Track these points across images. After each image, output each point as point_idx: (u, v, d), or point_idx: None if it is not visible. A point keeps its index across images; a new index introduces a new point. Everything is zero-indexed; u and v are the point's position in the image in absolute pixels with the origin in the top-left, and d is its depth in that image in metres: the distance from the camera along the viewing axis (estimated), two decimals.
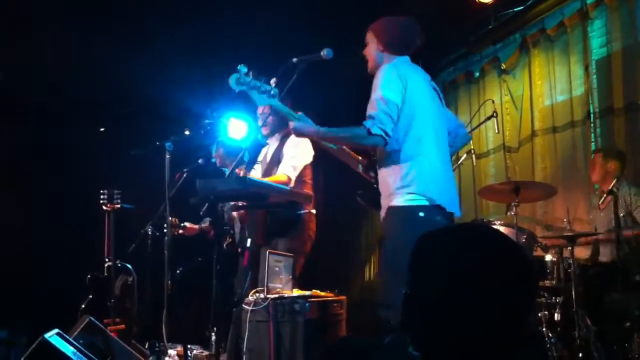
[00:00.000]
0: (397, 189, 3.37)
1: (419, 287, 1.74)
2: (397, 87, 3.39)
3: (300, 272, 4.66)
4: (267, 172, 4.83)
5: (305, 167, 4.81)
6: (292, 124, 3.50)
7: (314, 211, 4.85)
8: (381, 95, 3.37)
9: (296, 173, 4.70)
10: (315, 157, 4.89)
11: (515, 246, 1.81)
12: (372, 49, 3.68)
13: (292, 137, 4.79)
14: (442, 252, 1.73)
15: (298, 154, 4.74)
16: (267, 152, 5.00)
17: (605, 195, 4.90)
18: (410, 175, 3.36)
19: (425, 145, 3.43)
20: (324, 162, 5.64)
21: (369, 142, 3.39)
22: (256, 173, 4.92)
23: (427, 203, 3.35)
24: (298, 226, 4.71)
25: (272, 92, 3.48)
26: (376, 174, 3.60)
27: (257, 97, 3.46)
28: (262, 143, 5.05)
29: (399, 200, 3.36)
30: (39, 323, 4.05)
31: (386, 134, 3.33)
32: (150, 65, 6.84)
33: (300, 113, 3.55)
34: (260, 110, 4.98)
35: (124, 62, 6.86)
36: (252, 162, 4.94)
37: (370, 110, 3.37)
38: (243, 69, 3.43)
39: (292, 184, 4.66)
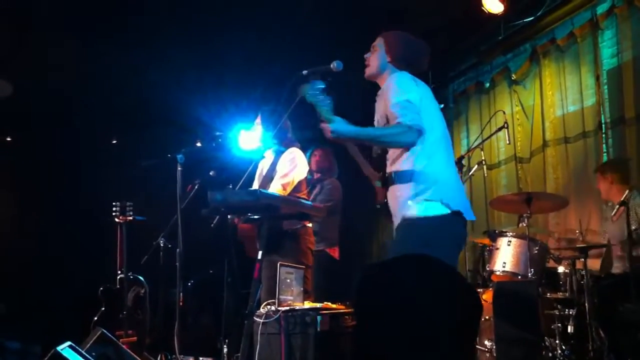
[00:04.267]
0: (412, 196, 3.31)
1: (366, 321, 1.74)
2: (417, 93, 3.39)
3: (310, 284, 4.67)
4: (261, 188, 4.81)
5: (299, 183, 4.80)
6: (328, 127, 3.33)
7: (310, 225, 4.85)
8: (407, 97, 3.33)
9: (287, 192, 4.67)
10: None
11: (455, 275, 1.82)
12: (379, 56, 3.63)
13: (286, 153, 4.82)
14: (382, 285, 1.73)
15: (290, 171, 4.74)
16: (262, 167, 5.02)
17: (617, 206, 4.87)
18: (426, 179, 3.31)
19: (439, 150, 3.41)
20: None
21: (410, 137, 3.29)
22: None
23: (446, 211, 3.27)
24: (295, 241, 4.72)
25: (331, 105, 3.44)
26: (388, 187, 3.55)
27: (322, 112, 3.39)
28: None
29: (415, 210, 3.28)
30: (52, 334, 4.07)
31: (422, 128, 3.29)
32: (163, 76, 6.89)
33: (338, 117, 3.47)
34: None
35: (137, 73, 6.92)
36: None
37: (399, 110, 3.31)
38: (321, 84, 3.42)
39: None
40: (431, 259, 1.88)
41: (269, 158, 4.98)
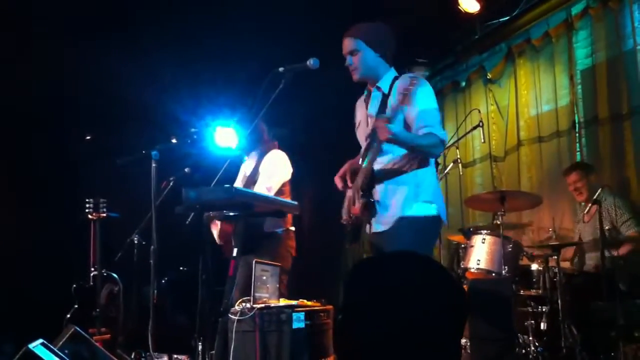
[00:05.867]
0: (411, 198, 3.42)
1: (354, 311, 1.74)
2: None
3: (285, 287, 4.66)
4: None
5: (284, 185, 4.81)
6: (388, 129, 3.21)
7: (292, 228, 4.85)
8: (435, 106, 3.46)
9: (271, 194, 4.67)
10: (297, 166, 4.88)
11: (447, 274, 1.83)
12: (364, 57, 3.59)
13: (269, 155, 4.84)
14: (379, 278, 1.73)
15: (275, 173, 4.76)
16: (245, 170, 5.00)
17: (590, 205, 4.92)
18: (425, 184, 3.46)
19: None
20: (310, 169, 5.67)
21: (439, 150, 3.47)
22: None
23: (435, 213, 3.44)
24: (274, 244, 4.72)
25: None
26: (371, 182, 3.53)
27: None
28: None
29: (414, 210, 3.40)
30: (24, 332, 4.01)
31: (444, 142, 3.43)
32: (138, 72, 6.82)
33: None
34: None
35: (111, 69, 6.84)
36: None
37: (430, 120, 3.40)
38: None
39: None
40: (422, 257, 1.89)
41: (252, 160, 4.97)
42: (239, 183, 5.05)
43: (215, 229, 4.97)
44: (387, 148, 3.44)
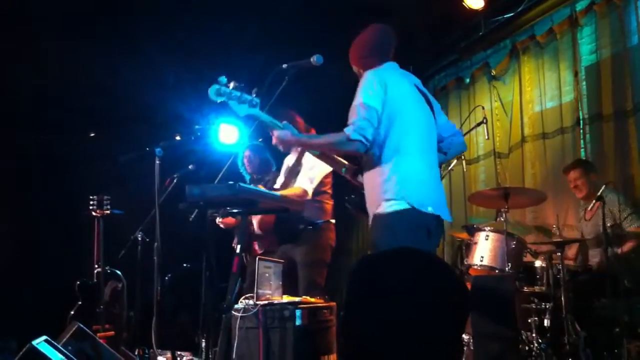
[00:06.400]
0: (380, 194, 3.36)
1: (356, 308, 1.74)
2: (377, 93, 3.39)
3: (325, 283, 4.75)
4: (285, 184, 4.93)
5: (326, 176, 4.85)
6: (275, 132, 3.49)
7: (333, 221, 4.88)
8: (361, 101, 3.37)
9: (313, 185, 4.77)
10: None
11: (450, 271, 1.84)
12: (359, 74, 3.67)
13: None
14: (382, 276, 1.73)
15: (316, 165, 4.78)
16: (288, 161, 5.08)
17: (593, 202, 4.91)
18: (391, 180, 3.34)
19: (407, 150, 3.40)
20: None
21: (349, 147, 3.36)
22: (277, 185, 5.04)
23: (408, 207, 3.29)
24: (316, 236, 4.78)
25: (253, 102, 3.45)
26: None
27: (237, 108, 3.42)
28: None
29: (382, 207, 3.33)
30: (29, 329, 4.02)
31: (366, 139, 3.31)
32: (141, 70, 6.83)
33: (284, 122, 3.54)
34: (246, 153, 5.34)
35: (114, 67, 6.86)
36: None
37: (351, 116, 3.37)
38: (223, 79, 3.41)
39: (308, 197, 4.75)
40: (424, 253, 1.89)
41: (294, 153, 5.02)
42: (281, 176, 5.10)
43: (256, 219, 5.02)
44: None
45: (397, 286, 1.72)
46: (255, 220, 5.05)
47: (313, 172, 4.79)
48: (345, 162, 3.82)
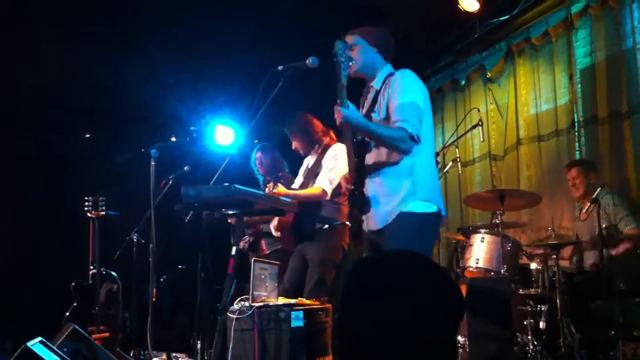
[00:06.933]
0: (410, 193, 3.38)
1: (350, 310, 1.74)
2: (423, 95, 3.46)
3: (331, 282, 4.78)
4: (305, 184, 4.98)
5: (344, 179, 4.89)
6: (342, 111, 3.29)
7: (348, 223, 4.90)
8: (414, 100, 3.39)
9: (332, 186, 4.80)
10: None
11: (445, 274, 1.84)
12: (363, 51, 3.62)
13: (331, 150, 4.93)
14: (378, 278, 1.74)
15: (336, 166, 4.83)
16: (307, 164, 5.11)
17: (589, 204, 4.92)
18: (421, 181, 3.40)
19: (429, 153, 3.51)
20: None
21: (407, 145, 3.36)
22: (295, 186, 5.09)
23: (436, 210, 3.41)
24: (331, 236, 4.82)
25: (347, 73, 3.41)
26: (362, 177, 3.56)
27: (343, 71, 3.33)
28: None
29: (412, 206, 3.37)
30: (24, 330, 4.01)
31: (419, 139, 3.35)
32: (138, 71, 6.82)
33: (351, 104, 3.45)
34: (257, 155, 5.48)
35: (110, 68, 6.84)
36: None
37: (406, 114, 3.36)
38: (346, 44, 3.42)
39: (327, 197, 4.79)
40: (418, 255, 1.89)
41: (314, 154, 5.08)
42: (300, 176, 5.14)
43: (274, 220, 5.07)
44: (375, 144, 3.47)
45: (393, 287, 1.72)
46: (275, 221, 5.10)
47: (332, 173, 4.82)
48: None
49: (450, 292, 1.77)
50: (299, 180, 5.16)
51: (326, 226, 4.84)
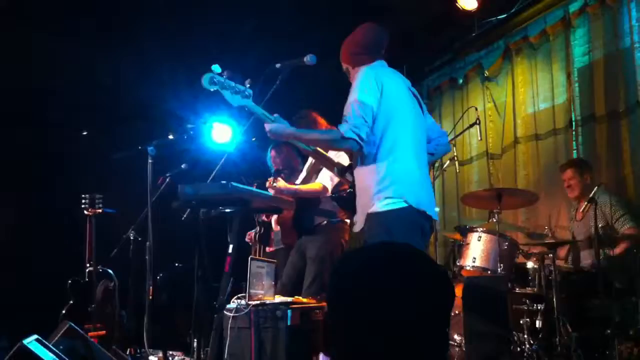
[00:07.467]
0: (375, 193, 3.34)
1: (342, 305, 1.74)
2: (373, 90, 3.37)
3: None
4: (306, 179, 5.02)
5: None
6: (267, 126, 3.46)
7: (348, 220, 4.92)
8: (356, 98, 3.34)
9: (333, 183, 4.83)
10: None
11: (434, 266, 1.84)
12: (348, 72, 3.70)
13: None
14: (364, 272, 1.73)
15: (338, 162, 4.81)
16: (311, 160, 5.12)
17: (584, 204, 4.92)
18: (387, 179, 3.33)
19: (402, 149, 3.40)
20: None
21: (342, 145, 3.37)
22: (298, 181, 5.13)
23: (405, 205, 3.31)
24: (330, 232, 4.88)
25: (246, 93, 3.44)
26: (353, 177, 3.59)
27: (230, 98, 3.41)
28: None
29: (378, 206, 3.32)
30: (19, 328, 4.00)
31: (360, 138, 3.29)
32: (135, 69, 6.81)
33: (276, 115, 3.52)
34: (272, 153, 5.47)
35: (107, 65, 6.83)
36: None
37: (346, 113, 3.35)
38: (217, 68, 3.41)
39: (328, 193, 4.82)
40: (404, 246, 1.88)
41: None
42: (304, 171, 5.19)
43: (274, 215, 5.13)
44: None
45: (373, 279, 1.71)
46: (275, 215, 5.15)
47: None
48: (337, 162, 3.84)
49: (435, 279, 1.76)
50: (302, 175, 5.21)
51: (325, 222, 4.86)
